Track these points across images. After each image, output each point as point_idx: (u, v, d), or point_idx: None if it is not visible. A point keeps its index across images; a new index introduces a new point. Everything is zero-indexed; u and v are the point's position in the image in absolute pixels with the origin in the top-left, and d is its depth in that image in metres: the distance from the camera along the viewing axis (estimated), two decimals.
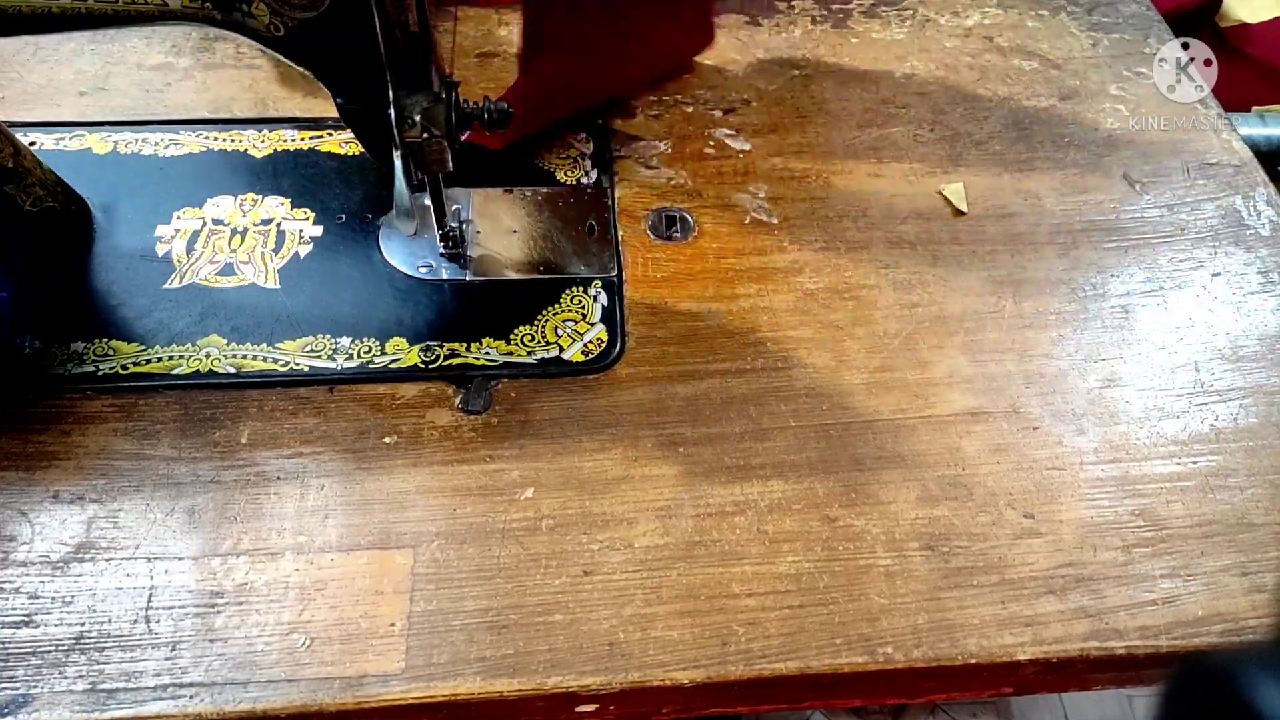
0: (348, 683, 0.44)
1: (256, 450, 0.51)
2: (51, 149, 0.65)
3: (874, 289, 0.60)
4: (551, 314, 0.58)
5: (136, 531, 0.48)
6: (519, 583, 0.47)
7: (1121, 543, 0.49)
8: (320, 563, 0.47)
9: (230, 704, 0.43)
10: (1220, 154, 0.69)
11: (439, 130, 0.49)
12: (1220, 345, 0.58)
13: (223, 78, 0.70)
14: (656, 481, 0.51)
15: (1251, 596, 0.48)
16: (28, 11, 0.45)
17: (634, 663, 0.45)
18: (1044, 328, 0.58)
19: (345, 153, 0.66)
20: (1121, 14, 0.80)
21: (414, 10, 0.45)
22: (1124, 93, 0.73)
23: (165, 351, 0.55)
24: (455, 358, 0.56)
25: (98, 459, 0.51)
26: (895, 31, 0.78)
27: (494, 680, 0.44)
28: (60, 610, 0.46)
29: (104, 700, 0.43)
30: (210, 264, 0.59)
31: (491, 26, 0.77)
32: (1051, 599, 0.47)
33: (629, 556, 0.48)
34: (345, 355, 0.55)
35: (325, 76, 0.48)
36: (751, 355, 0.57)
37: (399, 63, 0.47)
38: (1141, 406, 0.55)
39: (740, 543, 0.49)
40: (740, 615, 0.46)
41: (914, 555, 0.49)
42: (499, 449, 0.52)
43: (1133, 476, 0.52)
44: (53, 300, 0.56)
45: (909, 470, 0.52)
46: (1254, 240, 0.63)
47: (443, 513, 0.49)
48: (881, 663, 0.45)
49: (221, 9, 0.46)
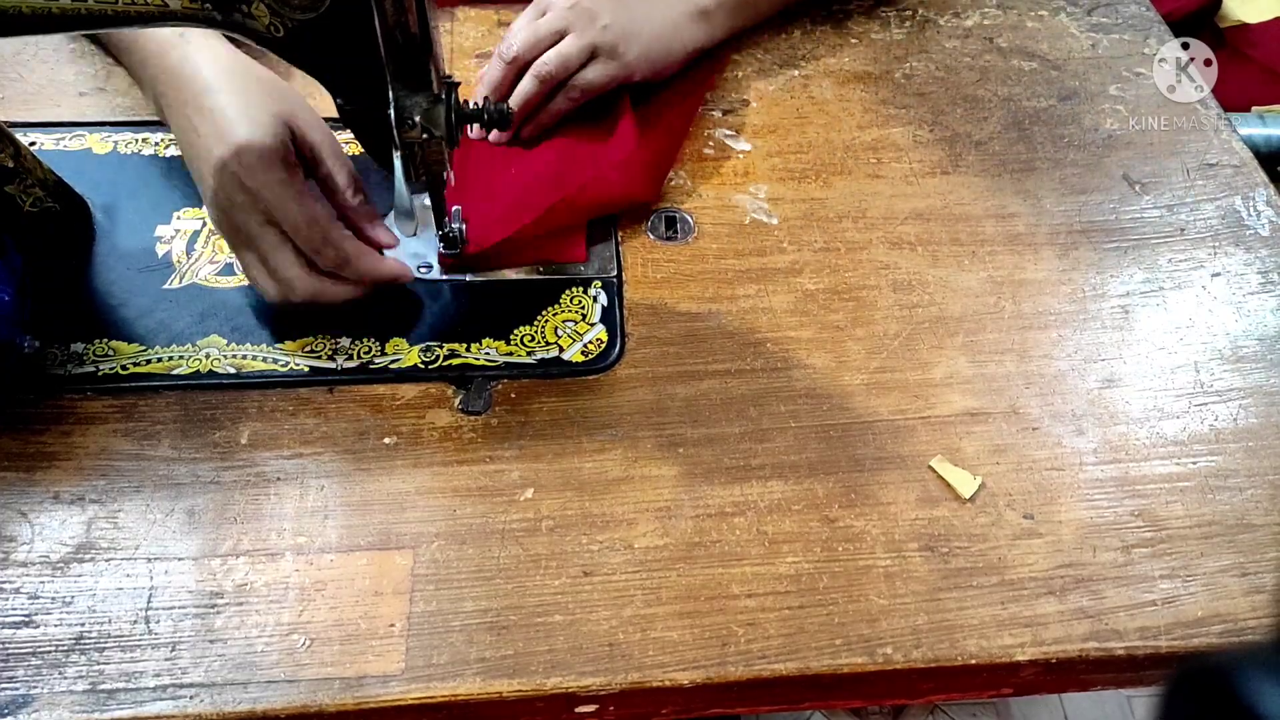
0: (347, 683, 0.44)
1: (256, 451, 0.51)
2: (51, 149, 0.65)
3: (874, 289, 0.60)
4: (551, 314, 0.58)
5: (136, 532, 0.48)
6: (519, 583, 0.47)
7: (1121, 543, 0.50)
8: (320, 563, 0.48)
9: (230, 704, 0.43)
10: (1220, 154, 0.69)
11: (439, 131, 0.49)
12: (1220, 346, 0.58)
13: None
14: (656, 482, 0.51)
15: (1251, 597, 0.48)
16: (28, 11, 0.45)
17: (634, 663, 0.45)
18: (1044, 328, 0.58)
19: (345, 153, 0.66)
20: (1121, 15, 0.80)
21: (414, 11, 0.45)
22: (1124, 93, 0.73)
23: (165, 352, 0.55)
24: (455, 358, 0.56)
25: (98, 459, 0.51)
26: (895, 32, 0.78)
27: (494, 681, 0.44)
28: (60, 610, 0.46)
29: (104, 700, 0.43)
30: (210, 264, 0.59)
31: (491, 27, 0.77)
32: (1051, 600, 0.47)
33: (629, 557, 0.48)
34: (345, 356, 0.55)
35: (325, 77, 0.48)
36: (751, 356, 0.57)
37: (399, 63, 0.47)
38: (1141, 407, 0.55)
39: (740, 543, 0.49)
40: (740, 616, 0.47)
41: (913, 556, 0.49)
42: (499, 449, 0.52)
43: (1132, 477, 0.52)
44: (53, 300, 0.56)
45: (909, 471, 0.52)
46: (1254, 240, 0.64)
47: (442, 513, 0.49)
48: (881, 663, 0.45)
49: (221, 10, 0.46)
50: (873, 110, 0.71)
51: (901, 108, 0.72)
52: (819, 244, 0.63)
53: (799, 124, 0.70)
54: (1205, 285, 0.61)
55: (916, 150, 0.69)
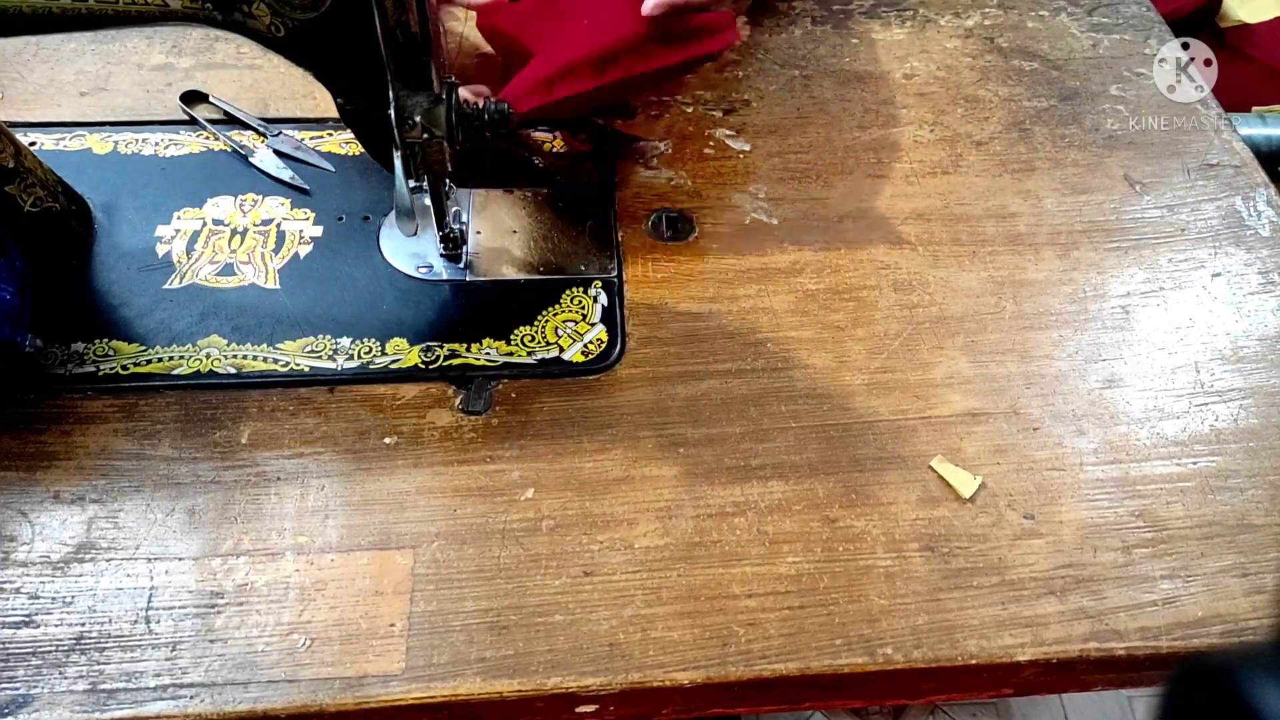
0: (348, 683, 0.44)
1: (257, 450, 0.51)
2: (52, 149, 0.65)
3: (874, 289, 0.60)
4: (552, 314, 0.58)
5: (137, 532, 0.48)
6: (519, 583, 0.47)
7: (1121, 544, 0.49)
8: (320, 563, 0.47)
9: (230, 704, 0.43)
10: (1220, 154, 0.69)
11: (439, 131, 0.49)
12: (1220, 346, 0.58)
13: (223, 78, 0.70)
14: (657, 482, 0.51)
15: (1251, 598, 0.48)
16: (28, 11, 0.45)
17: (634, 663, 0.45)
18: (1044, 328, 0.58)
19: (345, 153, 0.66)
20: (1122, 15, 0.80)
21: (414, 11, 0.45)
22: (1124, 93, 0.73)
23: (165, 352, 0.55)
24: (455, 358, 0.56)
25: (98, 459, 0.51)
26: (896, 32, 0.78)
27: (494, 681, 0.44)
28: (60, 610, 0.46)
29: (104, 700, 0.43)
30: (210, 264, 0.59)
31: None
32: (1051, 600, 0.47)
33: (629, 557, 0.48)
34: (345, 356, 0.55)
35: (325, 77, 0.48)
36: (752, 356, 0.57)
37: (399, 63, 0.47)
38: (1141, 407, 0.55)
39: (740, 543, 0.49)
40: (740, 616, 0.46)
41: (914, 556, 0.49)
42: (499, 449, 0.52)
43: (1133, 477, 0.52)
44: (53, 300, 0.56)
45: (909, 471, 0.52)
46: (1254, 240, 0.63)
47: (443, 513, 0.49)
48: (881, 663, 0.45)
49: (222, 10, 0.46)
50: (873, 110, 0.71)
51: (902, 107, 0.72)
52: (819, 244, 0.63)
53: (799, 124, 0.70)
54: (1206, 285, 0.61)
55: (917, 150, 0.69)
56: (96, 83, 0.70)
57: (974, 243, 0.63)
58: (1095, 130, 0.70)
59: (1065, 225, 0.64)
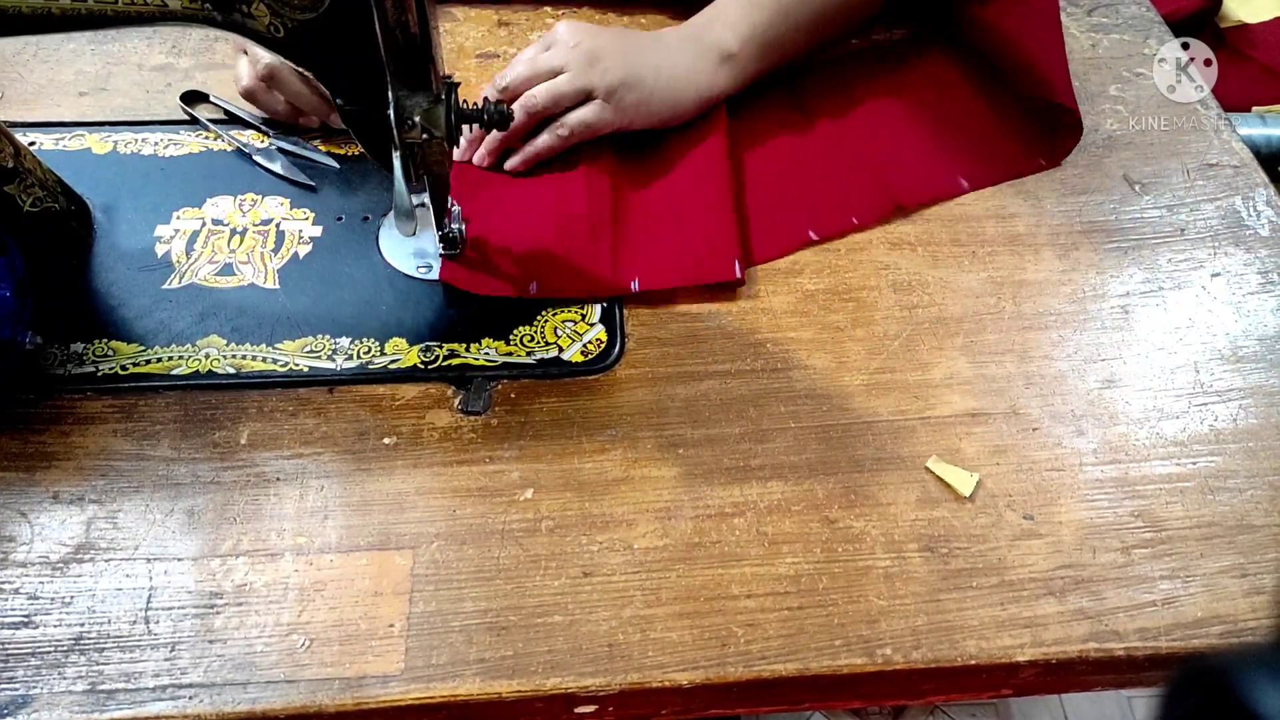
0: (347, 684, 0.44)
1: (256, 451, 0.51)
2: (51, 149, 0.65)
3: (874, 290, 0.60)
4: (551, 314, 0.58)
5: (136, 532, 0.48)
6: (518, 584, 0.47)
7: (1121, 544, 0.49)
8: (320, 564, 0.48)
9: (230, 705, 0.43)
10: (1220, 155, 0.69)
11: (439, 131, 0.49)
12: (1220, 346, 0.58)
13: (223, 78, 0.70)
14: (656, 483, 0.51)
15: (1251, 598, 0.48)
16: (28, 12, 0.45)
17: (633, 664, 0.45)
18: (1044, 329, 0.58)
19: (345, 153, 0.66)
20: (1121, 15, 0.80)
21: (414, 11, 0.45)
22: (1124, 93, 0.73)
23: (165, 352, 0.55)
24: (455, 358, 0.56)
25: (97, 459, 0.51)
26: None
27: (493, 681, 0.44)
28: (60, 611, 0.46)
29: (103, 701, 0.43)
30: (210, 264, 0.59)
31: (491, 27, 0.77)
32: (1051, 600, 0.47)
33: (628, 558, 0.48)
34: (345, 356, 0.55)
35: (325, 77, 0.48)
36: (751, 356, 0.57)
37: (399, 63, 0.47)
38: (1141, 407, 0.55)
39: (740, 544, 0.49)
40: (739, 617, 0.47)
41: (913, 557, 0.49)
42: (499, 450, 0.52)
43: (1132, 478, 0.52)
44: (52, 300, 0.56)
45: (909, 472, 0.52)
46: (1254, 241, 0.63)
47: (442, 514, 0.49)
48: (881, 664, 0.45)
49: (221, 10, 0.46)
50: None
51: None
52: (819, 244, 0.63)
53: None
54: (1205, 285, 0.61)
55: None
56: (96, 83, 0.70)
57: (973, 243, 0.63)
58: (1095, 130, 0.70)
59: (1065, 225, 0.64)
